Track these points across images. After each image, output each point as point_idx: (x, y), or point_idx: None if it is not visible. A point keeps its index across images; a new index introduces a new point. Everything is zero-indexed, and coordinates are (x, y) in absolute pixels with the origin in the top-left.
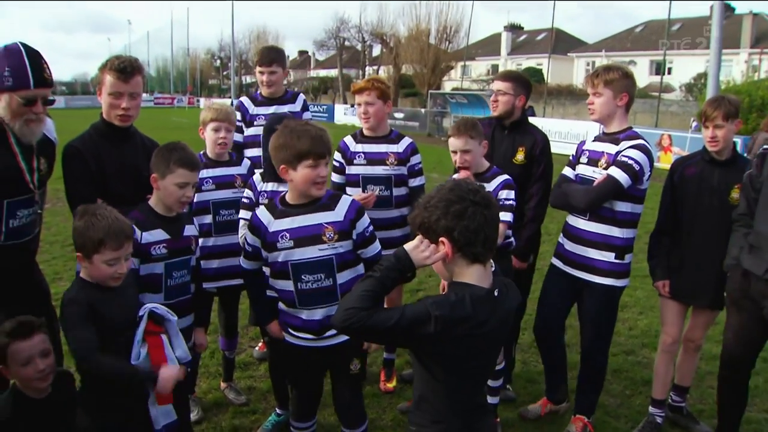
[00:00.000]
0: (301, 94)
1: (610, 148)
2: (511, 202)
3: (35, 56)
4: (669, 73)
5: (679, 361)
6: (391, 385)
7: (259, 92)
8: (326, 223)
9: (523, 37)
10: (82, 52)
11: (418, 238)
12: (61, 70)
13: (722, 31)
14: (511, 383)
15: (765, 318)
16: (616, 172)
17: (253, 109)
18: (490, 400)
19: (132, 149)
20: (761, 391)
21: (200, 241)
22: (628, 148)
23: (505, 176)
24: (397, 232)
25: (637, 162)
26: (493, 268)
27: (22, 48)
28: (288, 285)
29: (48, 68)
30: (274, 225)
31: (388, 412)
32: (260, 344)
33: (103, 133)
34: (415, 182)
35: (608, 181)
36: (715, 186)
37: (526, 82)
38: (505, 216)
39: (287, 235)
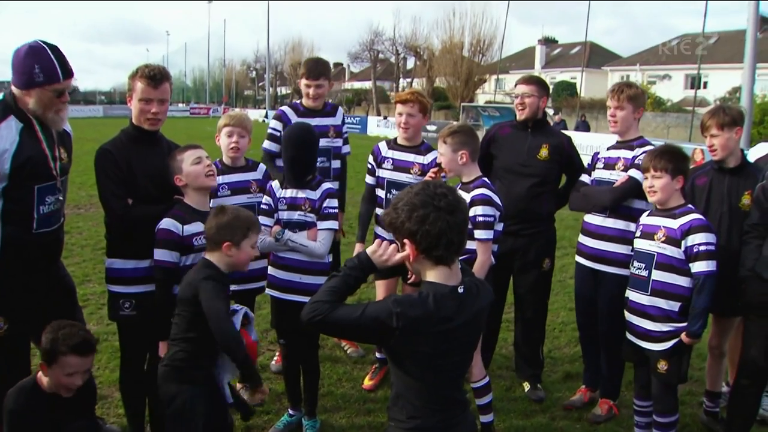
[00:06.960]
0: (340, 107)
1: (626, 153)
2: (483, 218)
3: (57, 51)
4: (705, 87)
5: (707, 367)
6: None
7: (300, 102)
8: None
9: (557, 51)
10: (120, 62)
11: (377, 242)
12: (99, 80)
13: (757, 45)
14: (542, 383)
15: None
16: (635, 173)
17: (296, 120)
18: (483, 419)
19: (159, 152)
20: None
21: None
22: (643, 153)
23: (484, 190)
24: None
25: None
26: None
27: (45, 46)
28: None
29: (68, 61)
30: None
31: None
32: (276, 357)
33: (132, 137)
34: None
35: (629, 181)
36: (725, 193)
37: (546, 85)
38: (479, 234)
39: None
